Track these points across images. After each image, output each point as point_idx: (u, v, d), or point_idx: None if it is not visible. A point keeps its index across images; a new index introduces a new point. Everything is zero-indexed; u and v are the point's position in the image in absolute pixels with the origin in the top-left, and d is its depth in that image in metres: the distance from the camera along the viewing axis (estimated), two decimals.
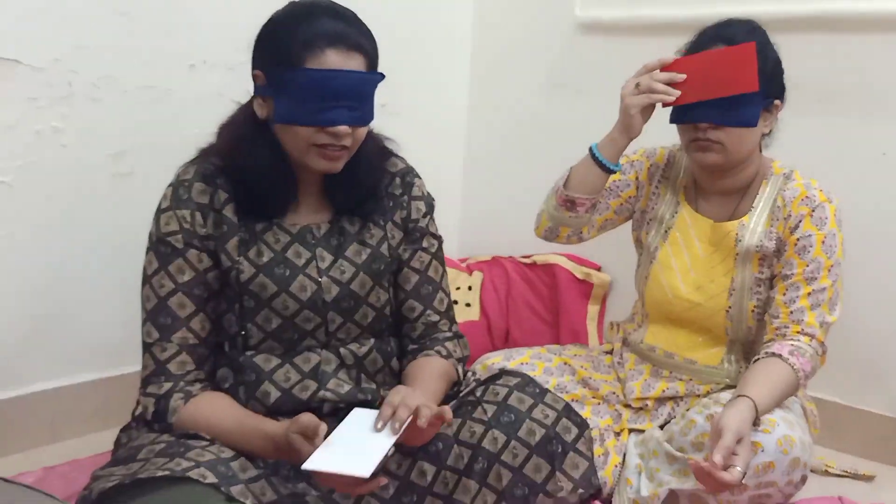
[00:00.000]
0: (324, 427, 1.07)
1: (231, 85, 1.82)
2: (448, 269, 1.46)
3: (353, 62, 1.19)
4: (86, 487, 1.13)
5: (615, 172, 1.55)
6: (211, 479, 1.06)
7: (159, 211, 1.25)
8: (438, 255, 1.41)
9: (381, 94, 1.25)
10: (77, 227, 1.69)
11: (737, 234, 1.53)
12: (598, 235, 1.70)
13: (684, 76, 1.43)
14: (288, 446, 1.10)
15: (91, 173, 1.69)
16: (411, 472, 1.26)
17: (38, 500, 0.95)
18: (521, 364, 1.65)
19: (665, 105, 1.46)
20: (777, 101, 1.50)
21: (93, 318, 1.75)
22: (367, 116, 1.23)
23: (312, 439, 1.07)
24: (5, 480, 1.01)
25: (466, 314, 2.23)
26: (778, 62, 1.50)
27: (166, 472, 1.06)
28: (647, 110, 1.48)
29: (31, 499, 0.95)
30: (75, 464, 1.60)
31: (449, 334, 1.39)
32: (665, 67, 1.46)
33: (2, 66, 1.54)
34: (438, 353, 1.35)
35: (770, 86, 1.46)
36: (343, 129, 1.18)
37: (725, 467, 1.21)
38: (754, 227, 1.53)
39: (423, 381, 1.27)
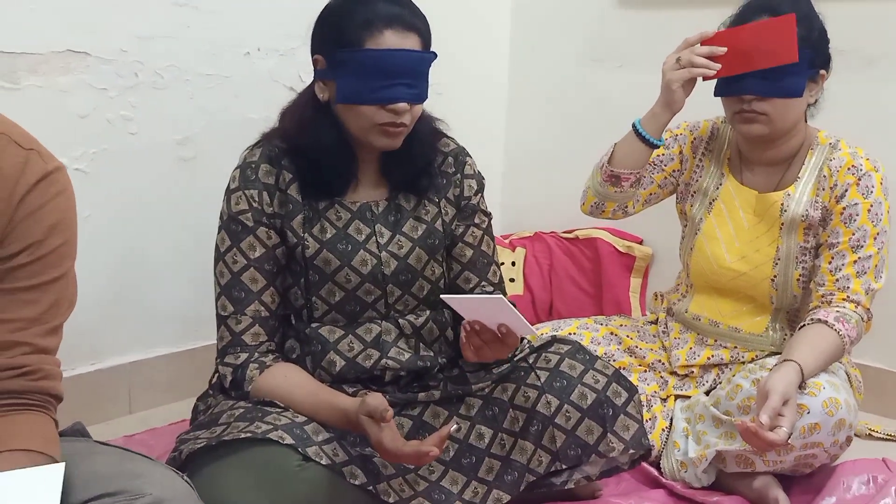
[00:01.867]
0: (391, 412, 1.13)
1: (283, 70, 1.90)
2: None
3: (409, 41, 1.24)
4: (174, 449, 1.22)
5: (658, 147, 1.58)
6: (288, 440, 1.14)
7: (229, 191, 1.31)
8: (489, 231, 1.46)
9: None
10: (148, 210, 1.78)
11: (782, 203, 1.55)
12: (642, 210, 1.72)
13: (724, 49, 1.44)
14: (358, 422, 1.17)
15: (158, 158, 1.78)
16: (470, 436, 1.33)
17: (137, 460, 1.02)
18: (569, 334, 1.70)
19: (706, 79, 1.48)
20: (822, 72, 1.51)
21: (165, 295, 1.84)
22: (424, 94, 1.28)
23: (379, 422, 1.13)
24: (103, 443, 1.09)
25: (510, 289, 2.28)
26: (823, 32, 1.50)
27: (248, 435, 1.14)
28: (689, 85, 1.49)
29: (130, 459, 1.02)
30: (153, 432, 1.69)
31: None
32: (705, 41, 1.46)
33: (73, 58, 1.63)
34: None
35: (815, 56, 1.47)
36: (402, 106, 1.23)
37: (772, 428, 1.25)
38: (800, 196, 1.55)
39: None
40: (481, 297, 1.18)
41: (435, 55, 1.28)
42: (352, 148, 1.31)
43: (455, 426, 1.17)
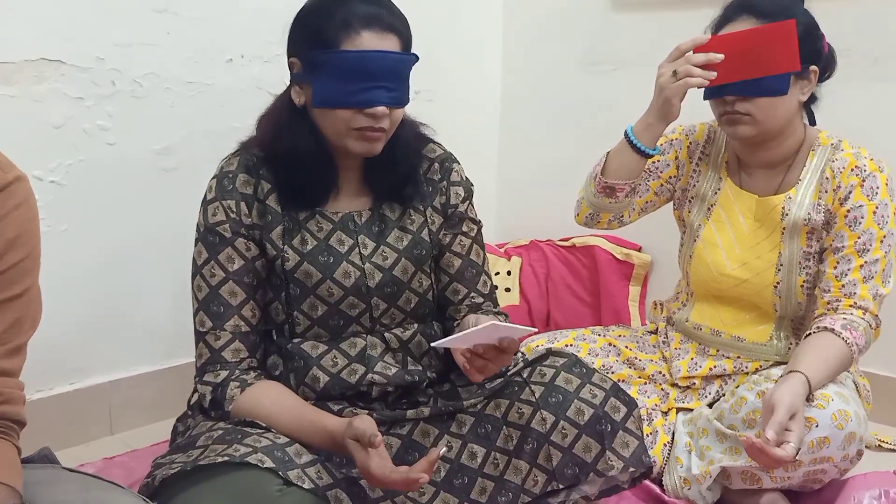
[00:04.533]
0: (380, 437, 1.07)
1: (268, 77, 1.86)
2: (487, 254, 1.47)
3: (388, 43, 1.20)
4: (148, 475, 1.16)
5: (653, 156, 1.52)
6: (269, 463, 1.08)
7: (205, 202, 1.27)
8: (479, 240, 1.41)
9: (415, 81, 1.25)
10: (127, 223, 1.74)
11: (783, 207, 1.51)
12: (638, 218, 1.68)
13: (721, 56, 1.39)
14: (344, 445, 1.11)
15: (138, 170, 1.74)
16: (462, 455, 1.28)
17: (102, 488, 0.98)
18: (566, 346, 1.66)
19: (702, 87, 1.43)
20: (813, 67, 1.45)
21: (146, 311, 1.80)
22: (404, 98, 1.23)
23: (367, 447, 1.08)
24: (70, 470, 1.04)
25: (506, 299, 2.24)
26: (810, 26, 1.45)
27: (225, 458, 1.08)
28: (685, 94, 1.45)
29: (96, 486, 0.98)
30: (134, 454, 1.64)
31: (494, 312, 1.40)
32: (699, 48, 1.41)
33: (47, 67, 1.59)
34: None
35: (802, 51, 1.41)
36: (381, 109, 1.19)
37: (779, 443, 1.20)
38: (801, 199, 1.50)
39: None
40: (471, 331, 1.12)
41: (416, 57, 1.24)
42: (331, 155, 1.27)
43: (445, 448, 1.11)
